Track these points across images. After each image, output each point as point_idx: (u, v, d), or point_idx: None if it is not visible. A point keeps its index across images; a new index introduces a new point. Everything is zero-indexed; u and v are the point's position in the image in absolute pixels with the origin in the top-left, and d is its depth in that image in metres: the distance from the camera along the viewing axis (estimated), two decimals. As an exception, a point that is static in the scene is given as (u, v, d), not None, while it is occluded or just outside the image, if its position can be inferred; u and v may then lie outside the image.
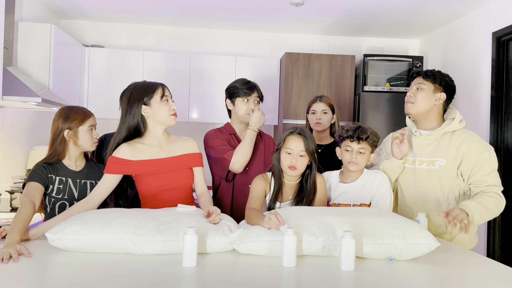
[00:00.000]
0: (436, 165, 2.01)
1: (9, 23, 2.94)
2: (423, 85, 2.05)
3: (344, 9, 3.86)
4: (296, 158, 1.84)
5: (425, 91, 2.05)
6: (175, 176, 1.92)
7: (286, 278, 1.36)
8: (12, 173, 3.36)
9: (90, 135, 1.94)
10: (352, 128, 1.98)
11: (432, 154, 2.03)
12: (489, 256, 3.45)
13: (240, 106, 2.25)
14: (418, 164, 2.05)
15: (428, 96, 2.04)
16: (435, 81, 2.05)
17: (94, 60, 4.23)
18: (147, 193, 1.91)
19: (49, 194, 1.88)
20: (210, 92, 4.31)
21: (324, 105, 2.53)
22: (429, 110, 2.06)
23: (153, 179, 1.88)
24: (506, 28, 3.36)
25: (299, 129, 1.88)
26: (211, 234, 1.55)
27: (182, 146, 1.97)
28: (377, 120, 4.11)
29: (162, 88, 1.90)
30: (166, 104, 1.89)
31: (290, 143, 1.86)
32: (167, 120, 1.90)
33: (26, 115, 3.59)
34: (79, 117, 1.91)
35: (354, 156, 1.95)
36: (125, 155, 1.84)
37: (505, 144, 3.44)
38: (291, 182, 1.91)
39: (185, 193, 1.97)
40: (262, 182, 1.90)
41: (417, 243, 1.50)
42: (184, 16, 4.24)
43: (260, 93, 2.28)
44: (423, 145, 2.07)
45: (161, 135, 1.93)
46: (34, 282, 1.26)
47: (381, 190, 1.94)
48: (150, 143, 1.91)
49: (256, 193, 1.87)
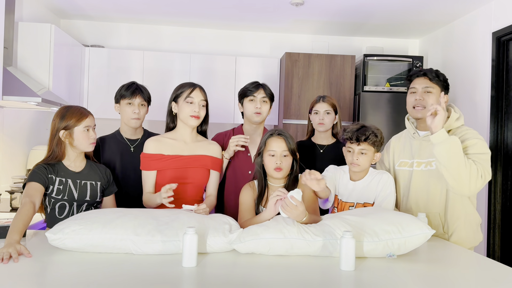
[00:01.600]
0: (433, 165, 1.99)
1: (9, 23, 2.94)
2: (431, 88, 2.01)
3: (344, 9, 3.86)
4: (280, 159, 1.84)
5: (435, 95, 2.01)
6: (193, 173, 2.04)
7: (286, 278, 1.36)
8: (12, 173, 3.37)
9: (85, 135, 1.90)
10: (353, 130, 1.97)
11: (430, 155, 2.01)
12: (489, 256, 3.45)
13: (246, 105, 2.27)
14: (416, 166, 2.04)
15: (437, 99, 2.00)
16: (441, 83, 2.02)
17: (94, 60, 4.23)
18: (162, 182, 1.99)
19: (49, 195, 1.87)
20: (210, 92, 4.29)
21: (327, 105, 2.53)
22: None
23: (171, 172, 2.01)
24: (506, 28, 3.36)
25: (278, 130, 1.90)
26: (211, 233, 1.55)
27: (207, 148, 2.10)
28: (377, 120, 4.11)
29: (191, 89, 2.03)
30: (189, 105, 2.02)
31: (272, 145, 1.86)
32: (186, 119, 2.03)
33: (26, 115, 3.59)
34: (75, 117, 1.89)
35: (355, 157, 1.95)
36: (151, 149, 2.01)
37: (505, 144, 3.44)
38: (277, 185, 1.90)
39: (198, 190, 2.08)
40: (249, 191, 1.90)
41: (413, 234, 1.53)
42: (184, 16, 4.24)
43: (269, 92, 2.28)
44: (422, 146, 2.05)
45: (189, 132, 2.07)
46: (34, 282, 1.26)
47: (386, 190, 1.95)
48: (176, 138, 2.07)
49: (246, 206, 1.87)
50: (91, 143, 1.93)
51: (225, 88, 4.37)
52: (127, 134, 2.27)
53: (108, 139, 2.27)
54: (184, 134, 2.07)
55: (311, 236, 1.53)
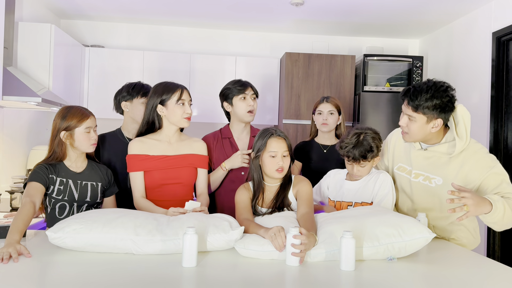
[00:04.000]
0: (432, 182, 1.89)
1: (9, 23, 2.94)
2: (413, 118, 1.80)
3: (344, 9, 3.86)
4: (281, 159, 1.83)
5: (417, 123, 1.80)
6: (180, 172, 2.02)
7: (287, 278, 1.36)
8: (12, 173, 3.36)
9: (87, 137, 1.89)
10: (350, 146, 1.92)
11: (429, 170, 1.90)
12: (489, 256, 3.45)
13: (238, 104, 2.23)
14: (413, 177, 1.96)
15: (422, 127, 1.81)
16: (426, 111, 1.77)
17: (94, 60, 4.23)
18: (151, 184, 1.99)
19: (49, 195, 1.87)
20: (210, 92, 4.30)
21: (330, 106, 2.53)
22: (427, 135, 1.86)
23: (158, 172, 1.98)
24: (506, 28, 3.36)
25: (277, 130, 1.87)
26: (211, 231, 1.55)
27: (191, 146, 2.08)
28: (377, 120, 4.11)
29: (181, 91, 2.00)
30: (181, 107, 1.99)
31: (273, 146, 1.83)
32: (180, 122, 2.01)
33: (26, 115, 3.59)
34: (76, 118, 1.88)
35: (355, 170, 1.97)
36: (136, 150, 1.98)
37: (505, 144, 3.44)
38: (273, 185, 1.89)
39: (187, 189, 2.06)
40: (245, 191, 1.88)
41: (413, 238, 1.52)
42: (184, 16, 4.24)
43: (255, 89, 2.28)
44: (420, 157, 1.94)
45: (173, 133, 2.04)
46: (34, 282, 1.26)
47: (384, 190, 1.94)
48: (161, 139, 2.03)
49: (243, 204, 1.85)
50: (92, 144, 1.92)
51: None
52: (130, 134, 2.26)
53: (109, 137, 2.26)
54: (170, 135, 2.04)
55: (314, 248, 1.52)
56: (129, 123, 2.27)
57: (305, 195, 1.83)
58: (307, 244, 1.45)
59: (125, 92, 2.26)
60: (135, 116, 2.24)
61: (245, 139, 2.29)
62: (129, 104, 2.25)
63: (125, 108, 2.26)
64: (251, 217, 1.80)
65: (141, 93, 2.24)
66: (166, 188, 1.99)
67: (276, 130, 1.88)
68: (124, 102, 2.25)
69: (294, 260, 1.44)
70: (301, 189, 1.85)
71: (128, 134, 2.27)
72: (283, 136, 1.86)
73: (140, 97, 2.23)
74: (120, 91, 2.29)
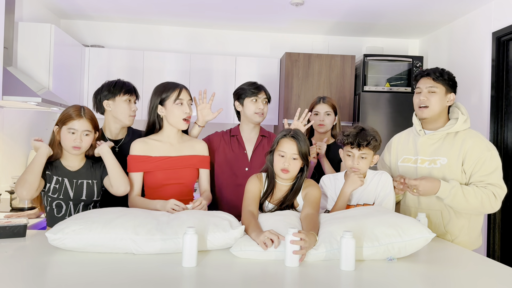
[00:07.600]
0: (437, 163, 2.00)
1: (9, 23, 2.94)
2: (435, 88, 2.01)
3: (344, 9, 3.86)
4: (289, 161, 1.82)
5: (438, 94, 2.01)
6: (181, 173, 2.03)
7: (287, 278, 1.36)
8: (12, 173, 3.36)
9: (69, 137, 1.85)
10: (353, 134, 1.93)
11: (434, 153, 2.02)
12: (489, 256, 3.45)
13: (248, 106, 2.27)
14: (420, 163, 2.05)
15: (441, 99, 2.01)
16: (446, 82, 2.01)
17: (94, 60, 4.23)
18: (152, 184, 2.00)
19: (46, 193, 1.88)
20: (210, 92, 4.30)
21: (327, 106, 2.54)
22: (441, 112, 2.04)
23: (160, 173, 1.99)
24: (506, 28, 3.36)
25: (293, 132, 1.86)
26: (211, 229, 1.55)
27: (193, 148, 2.08)
28: (377, 120, 4.11)
29: (179, 91, 1.98)
30: (180, 107, 1.97)
31: (283, 146, 1.84)
32: (177, 123, 2.00)
33: (26, 115, 3.59)
34: (64, 116, 1.87)
35: (356, 162, 1.94)
36: (138, 151, 1.97)
37: (505, 144, 3.44)
38: (284, 184, 1.89)
39: (187, 189, 2.07)
40: (257, 182, 1.89)
41: (413, 238, 1.52)
42: (184, 16, 4.24)
43: (268, 94, 2.32)
44: (426, 144, 2.06)
45: (174, 134, 2.04)
46: (34, 282, 1.26)
47: (385, 190, 1.94)
48: (162, 140, 2.03)
49: (252, 194, 1.85)
50: (74, 146, 1.86)
51: (225, 88, 4.37)
52: (112, 135, 2.19)
53: None
54: (171, 136, 2.03)
55: (314, 248, 1.52)
56: (111, 122, 2.19)
57: (312, 198, 1.83)
58: (307, 242, 1.45)
59: (106, 90, 2.17)
60: (118, 114, 2.16)
61: (253, 139, 2.33)
62: (112, 103, 2.15)
63: (107, 107, 2.16)
64: (256, 211, 1.80)
65: (124, 90, 2.16)
66: (166, 188, 2.00)
67: (293, 132, 1.86)
68: (106, 101, 2.16)
69: (293, 261, 1.44)
70: (310, 192, 1.85)
71: (109, 135, 2.20)
72: (296, 139, 1.83)
73: (123, 95, 2.15)
74: (101, 90, 2.20)
